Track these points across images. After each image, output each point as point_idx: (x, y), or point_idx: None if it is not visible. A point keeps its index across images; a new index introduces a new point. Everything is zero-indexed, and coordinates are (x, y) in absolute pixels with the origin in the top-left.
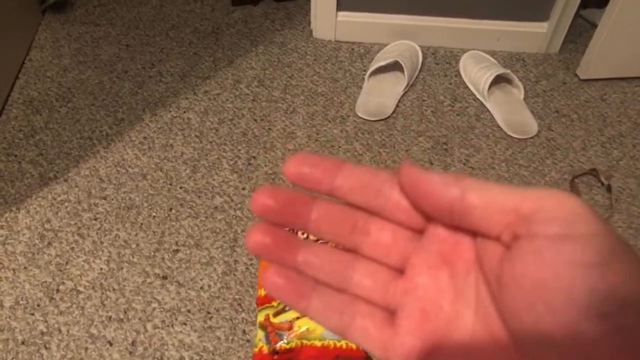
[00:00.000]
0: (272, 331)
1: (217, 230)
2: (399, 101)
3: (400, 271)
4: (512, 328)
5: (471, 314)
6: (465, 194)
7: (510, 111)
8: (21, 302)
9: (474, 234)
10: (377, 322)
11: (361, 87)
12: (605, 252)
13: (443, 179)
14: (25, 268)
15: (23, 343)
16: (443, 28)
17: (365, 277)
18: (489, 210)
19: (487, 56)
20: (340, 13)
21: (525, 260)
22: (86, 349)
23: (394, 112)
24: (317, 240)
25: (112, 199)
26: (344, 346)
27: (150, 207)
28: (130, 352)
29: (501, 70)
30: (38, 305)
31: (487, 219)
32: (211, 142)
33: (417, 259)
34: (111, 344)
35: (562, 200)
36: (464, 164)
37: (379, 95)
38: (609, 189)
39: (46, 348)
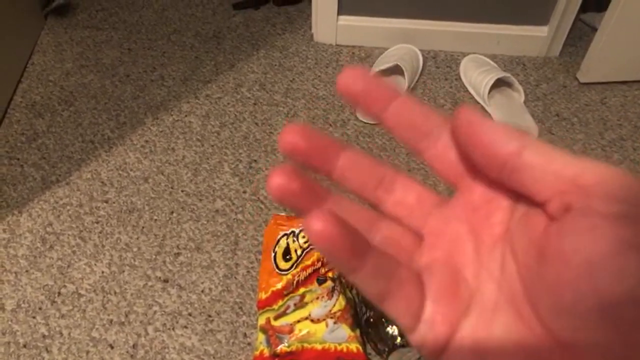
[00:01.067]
0: (273, 334)
1: (218, 234)
2: None
3: (420, 236)
4: (545, 305)
5: (494, 289)
6: (523, 149)
7: (511, 115)
8: (23, 305)
9: (515, 199)
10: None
11: None
12: None
13: (504, 129)
14: (27, 271)
15: (24, 346)
16: (443, 32)
17: (388, 238)
18: (544, 173)
19: (488, 60)
20: (341, 17)
21: (580, 235)
22: (87, 352)
23: None
24: None
25: (114, 203)
26: (345, 349)
27: (151, 211)
28: (132, 356)
29: (501, 74)
30: (40, 309)
31: (541, 181)
32: (212, 145)
33: (441, 226)
34: (112, 347)
35: (624, 178)
36: None
37: None
38: None
39: (47, 351)
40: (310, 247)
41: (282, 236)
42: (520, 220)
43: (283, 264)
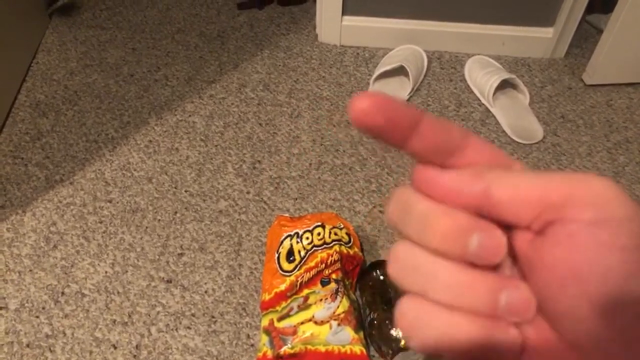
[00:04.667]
0: (276, 336)
1: (222, 234)
2: None
3: None
4: (548, 313)
5: None
6: (489, 189)
7: (516, 116)
8: (26, 304)
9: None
10: None
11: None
12: None
13: (462, 176)
14: (30, 271)
15: (28, 346)
16: (448, 33)
17: None
18: (516, 203)
19: (493, 61)
20: (346, 17)
21: (559, 244)
22: (90, 352)
23: None
24: None
25: (118, 202)
26: (348, 351)
27: (155, 211)
28: (135, 356)
29: (506, 75)
30: (43, 308)
31: (515, 212)
32: (216, 145)
33: None
34: (115, 348)
35: (593, 184)
36: None
37: None
38: None
39: (51, 351)
40: (314, 248)
41: (286, 237)
42: (511, 237)
43: (286, 265)
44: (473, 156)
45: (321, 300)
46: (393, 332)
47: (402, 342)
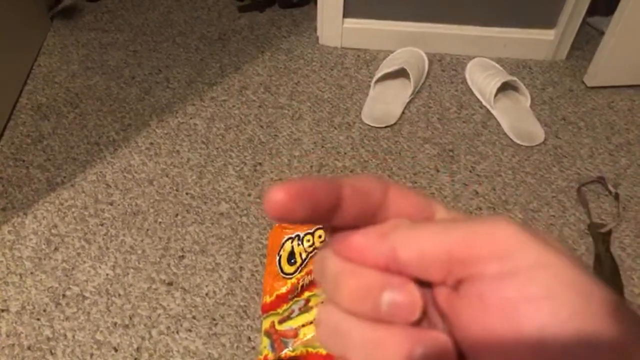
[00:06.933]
0: (277, 339)
1: (223, 237)
2: (405, 108)
3: None
4: None
5: None
6: (395, 250)
7: (517, 118)
8: (27, 307)
9: None
10: None
11: (367, 94)
12: (551, 284)
13: (367, 237)
14: (31, 273)
15: (29, 348)
16: (449, 35)
17: None
18: (423, 263)
19: (494, 63)
20: (347, 20)
21: (470, 305)
22: (92, 354)
23: (400, 119)
24: None
25: (119, 205)
26: None
27: (156, 213)
28: (136, 358)
29: (508, 78)
30: (44, 311)
31: (424, 271)
32: (217, 148)
33: None
34: (116, 350)
35: (497, 235)
36: (470, 171)
37: (385, 102)
38: (616, 197)
39: (52, 354)
40: (316, 250)
41: (287, 240)
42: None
43: (288, 268)
44: (394, 209)
45: (322, 302)
46: None
47: None
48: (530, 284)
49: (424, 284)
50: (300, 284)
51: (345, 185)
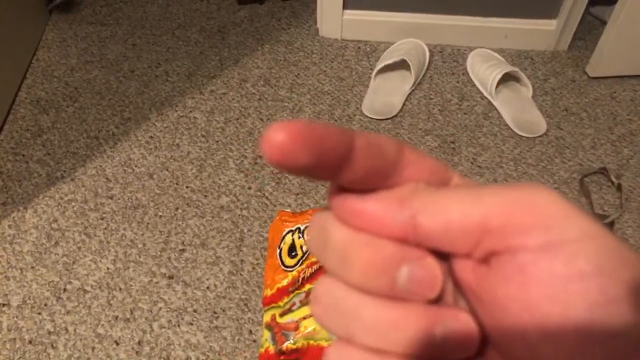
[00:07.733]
0: (278, 331)
1: (224, 230)
2: (406, 100)
3: None
4: (499, 350)
5: None
6: (416, 218)
7: (519, 109)
8: (28, 301)
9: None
10: None
11: (368, 86)
12: (601, 259)
13: (384, 204)
14: (32, 267)
15: (30, 342)
16: (450, 26)
17: None
18: (449, 233)
19: (495, 54)
20: (347, 11)
21: (510, 280)
22: (93, 348)
23: (400, 110)
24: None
25: (119, 199)
26: None
27: (156, 207)
28: (137, 352)
29: (509, 68)
30: (45, 305)
31: (450, 242)
32: (217, 141)
33: None
34: (117, 344)
35: (537, 201)
36: (472, 162)
37: (385, 94)
38: (619, 188)
39: (53, 347)
40: None
41: (288, 232)
42: (451, 265)
43: (289, 261)
44: (408, 173)
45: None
46: None
47: None
48: (578, 258)
49: (440, 257)
50: (301, 276)
51: (358, 135)
